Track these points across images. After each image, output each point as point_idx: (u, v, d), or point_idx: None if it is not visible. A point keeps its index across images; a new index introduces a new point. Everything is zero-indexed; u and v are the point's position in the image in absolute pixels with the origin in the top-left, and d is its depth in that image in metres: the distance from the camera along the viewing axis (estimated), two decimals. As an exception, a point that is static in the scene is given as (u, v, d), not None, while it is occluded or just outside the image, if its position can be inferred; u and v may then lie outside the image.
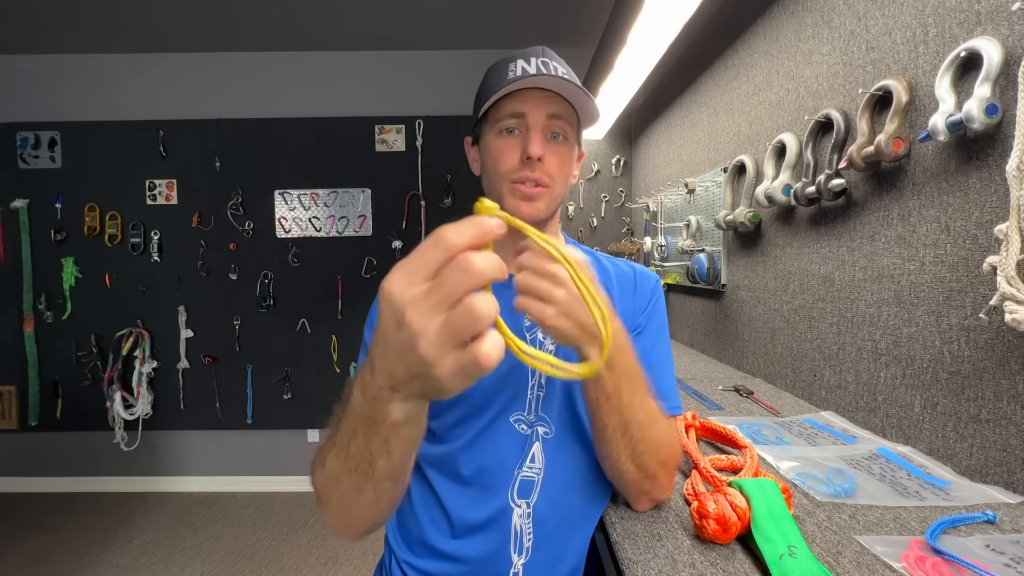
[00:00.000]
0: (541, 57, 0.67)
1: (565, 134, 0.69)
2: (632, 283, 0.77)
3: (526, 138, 0.66)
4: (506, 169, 0.68)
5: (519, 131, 0.67)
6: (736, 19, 1.42)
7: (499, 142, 0.68)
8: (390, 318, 0.33)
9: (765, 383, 1.26)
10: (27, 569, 2.12)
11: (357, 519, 0.53)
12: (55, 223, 2.71)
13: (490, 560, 0.66)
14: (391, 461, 0.43)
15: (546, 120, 0.67)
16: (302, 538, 2.34)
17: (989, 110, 0.64)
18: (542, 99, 0.66)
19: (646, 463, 0.60)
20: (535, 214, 0.68)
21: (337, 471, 0.47)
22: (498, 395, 0.68)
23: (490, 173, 0.70)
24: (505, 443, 0.68)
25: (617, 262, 0.81)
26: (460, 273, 0.32)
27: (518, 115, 0.67)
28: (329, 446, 0.48)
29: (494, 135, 0.69)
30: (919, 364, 0.79)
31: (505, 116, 0.67)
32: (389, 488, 0.47)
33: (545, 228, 0.73)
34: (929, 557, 0.50)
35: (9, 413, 2.77)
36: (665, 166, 2.14)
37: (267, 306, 2.75)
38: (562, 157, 0.69)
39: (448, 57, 2.77)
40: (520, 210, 0.68)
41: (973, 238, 0.70)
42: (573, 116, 0.69)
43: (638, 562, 0.54)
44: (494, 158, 0.69)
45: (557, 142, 0.68)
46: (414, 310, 0.32)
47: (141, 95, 2.73)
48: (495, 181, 0.70)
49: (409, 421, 0.40)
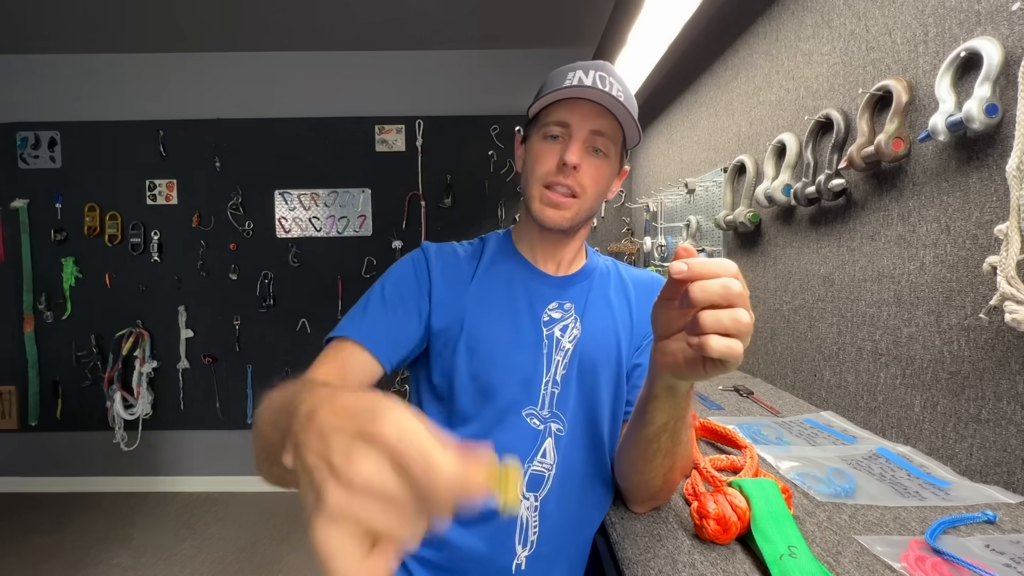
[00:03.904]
0: (600, 71, 0.68)
1: (607, 150, 0.70)
2: (650, 288, 0.79)
3: (566, 145, 0.68)
4: (542, 172, 0.69)
5: (563, 139, 0.69)
6: (736, 19, 1.42)
7: (541, 145, 0.70)
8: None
9: (765, 383, 1.26)
10: (27, 569, 2.12)
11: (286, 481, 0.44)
12: (55, 223, 2.71)
13: (494, 551, 0.66)
14: None
15: (589, 134, 0.68)
16: (302, 538, 2.34)
17: (989, 110, 0.64)
18: (590, 112, 0.67)
19: (675, 478, 0.62)
20: (559, 222, 0.69)
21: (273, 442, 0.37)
22: (511, 389, 0.69)
23: (527, 173, 0.72)
24: (516, 436, 0.68)
25: (633, 271, 0.83)
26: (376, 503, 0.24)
27: (563, 124, 0.68)
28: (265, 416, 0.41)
29: (539, 138, 0.70)
30: (919, 364, 0.79)
31: (551, 123, 0.69)
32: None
33: (572, 238, 0.75)
34: (929, 557, 0.50)
35: (9, 413, 2.77)
36: (665, 166, 2.14)
37: (267, 306, 2.75)
38: (599, 171, 0.70)
39: (448, 57, 2.77)
40: (545, 215, 0.69)
41: (973, 238, 0.70)
42: (618, 134, 0.70)
43: (638, 562, 0.54)
44: (534, 158, 0.70)
45: (597, 156, 0.69)
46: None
47: (141, 95, 2.73)
48: (529, 182, 0.71)
49: None
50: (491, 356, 0.69)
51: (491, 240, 0.80)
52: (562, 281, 0.75)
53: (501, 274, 0.75)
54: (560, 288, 0.75)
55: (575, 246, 0.77)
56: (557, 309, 0.73)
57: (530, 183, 0.71)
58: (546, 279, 0.75)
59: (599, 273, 0.78)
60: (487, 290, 0.73)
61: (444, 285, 0.72)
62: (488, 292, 0.73)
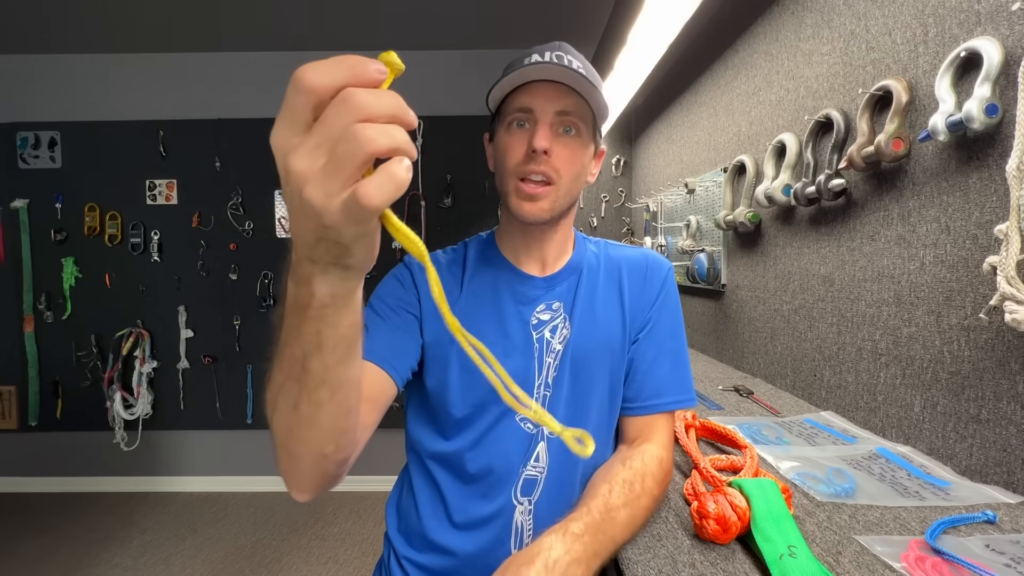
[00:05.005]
0: (556, 51, 0.65)
1: (576, 129, 0.66)
2: (642, 274, 0.76)
3: (533, 131, 0.64)
4: (512, 164, 0.66)
5: (528, 124, 0.65)
6: (736, 19, 1.42)
7: (507, 136, 0.67)
8: (283, 174, 0.30)
9: (765, 383, 1.26)
10: (27, 569, 2.12)
11: (298, 446, 0.46)
12: (55, 223, 2.71)
13: (490, 555, 0.66)
14: (323, 360, 0.40)
15: (555, 115, 0.64)
16: (302, 538, 2.34)
17: (989, 110, 0.64)
18: (552, 93, 0.64)
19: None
20: (539, 215, 0.66)
21: (277, 384, 0.44)
22: None
23: (499, 170, 0.69)
24: (511, 443, 0.68)
25: (626, 249, 0.79)
26: (341, 109, 0.28)
27: (526, 109, 0.65)
28: (272, 360, 0.45)
29: (504, 130, 0.67)
30: (919, 364, 0.79)
31: (513, 111, 0.66)
32: (325, 400, 0.42)
33: (555, 228, 0.72)
34: (929, 557, 0.50)
35: (9, 413, 2.77)
36: (665, 166, 2.14)
37: (267, 306, 2.75)
38: (572, 152, 0.66)
39: (448, 57, 2.77)
40: (523, 210, 0.66)
41: (973, 238, 0.70)
42: (586, 110, 0.66)
43: (638, 562, 0.54)
44: (502, 152, 0.67)
45: (568, 136, 0.66)
46: (296, 155, 0.28)
47: (141, 95, 2.73)
48: (502, 178, 0.68)
49: (335, 302, 0.37)
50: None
51: (472, 245, 0.78)
52: (548, 281, 0.73)
53: (486, 282, 0.73)
54: (546, 289, 0.73)
55: (559, 238, 0.74)
56: (546, 310, 0.72)
57: (503, 179, 0.68)
58: (532, 281, 0.73)
59: (587, 265, 0.76)
60: (475, 300, 0.71)
61: (428, 297, 0.70)
62: (476, 302, 0.71)
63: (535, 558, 0.49)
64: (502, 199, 0.70)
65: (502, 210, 0.75)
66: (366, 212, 0.29)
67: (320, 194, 0.29)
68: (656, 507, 0.62)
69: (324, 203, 0.29)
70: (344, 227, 0.30)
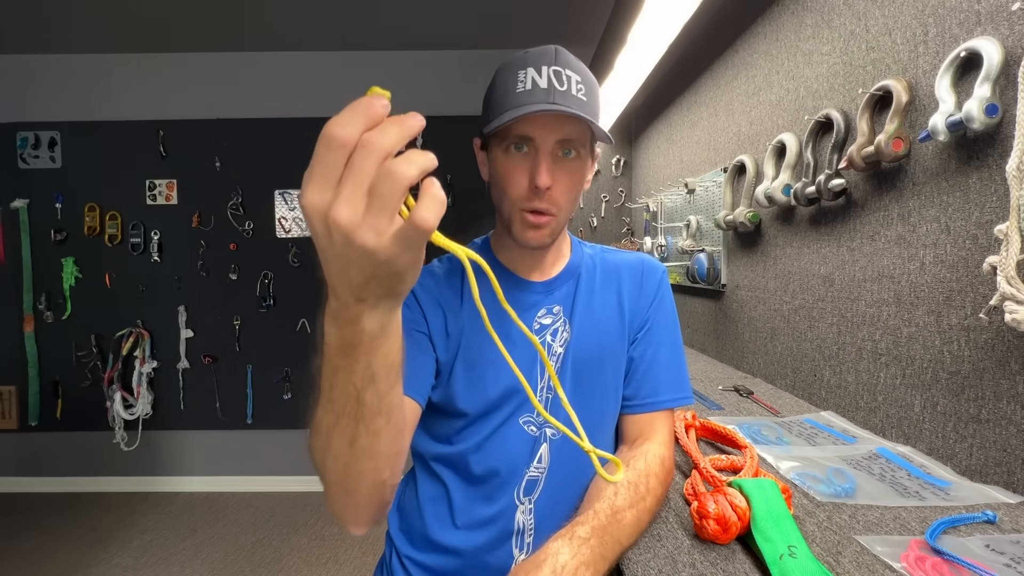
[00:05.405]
0: (553, 65, 0.63)
1: (576, 151, 0.66)
2: (639, 276, 0.77)
3: (535, 163, 0.63)
4: (515, 196, 0.66)
5: (528, 149, 0.65)
6: (736, 19, 1.42)
7: (507, 160, 0.66)
8: (321, 230, 0.32)
9: (765, 383, 1.26)
10: (27, 569, 2.12)
11: (357, 480, 0.47)
12: (55, 223, 2.71)
13: (492, 554, 0.67)
14: (377, 391, 0.41)
15: (555, 144, 0.64)
16: (302, 538, 2.34)
17: (989, 110, 0.63)
18: (552, 123, 0.63)
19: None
20: (542, 240, 0.67)
21: (328, 425, 0.44)
22: (508, 398, 0.69)
23: (499, 192, 0.69)
24: (515, 445, 0.69)
25: (621, 254, 0.81)
26: (365, 154, 0.30)
27: (526, 138, 0.64)
28: (316, 404, 0.45)
29: (501, 151, 0.66)
30: (919, 364, 0.79)
31: (512, 136, 0.64)
32: (382, 427, 0.44)
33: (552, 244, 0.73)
34: (929, 557, 0.50)
35: (9, 413, 2.77)
36: (665, 166, 2.14)
37: (267, 306, 2.75)
38: (572, 177, 0.66)
39: (448, 57, 2.77)
40: (527, 237, 0.67)
41: (973, 238, 0.70)
42: (585, 132, 0.66)
43: (638, 562, 0.54)
44: (502, 177, 0.66)
45: (568, 159, 0.66)
46: (337, 208, 0.30)
47: (141, 95, 2.73)
48: (504, 203, 0.68)
49: (385, 332, 0.39)
50: (488, 374, 0.68)
51: None
52: (547, 286, 0.74)
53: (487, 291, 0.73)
54: (546, 293, 0.74)
55: (557, 246, 0.75)
56: (547, 315, 0.72)
57: (505, 205, 0.68)
58: (531, 287, 0.73)
59: (585, 269, 0.76)
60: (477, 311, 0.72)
61: (434, 313, 0.71)
62: (478, 313, 0.72)
63: (543, 564, 0.49)
64: (502, 219, 0.71)
65: (497, 220, 0.75)
66: (424, 235, 0.32)
67: (372, 235, 0.31)
68: (659, 507, 0.63)
69: (377, 241, 0.31)
70: (399, 257, 0.33)
